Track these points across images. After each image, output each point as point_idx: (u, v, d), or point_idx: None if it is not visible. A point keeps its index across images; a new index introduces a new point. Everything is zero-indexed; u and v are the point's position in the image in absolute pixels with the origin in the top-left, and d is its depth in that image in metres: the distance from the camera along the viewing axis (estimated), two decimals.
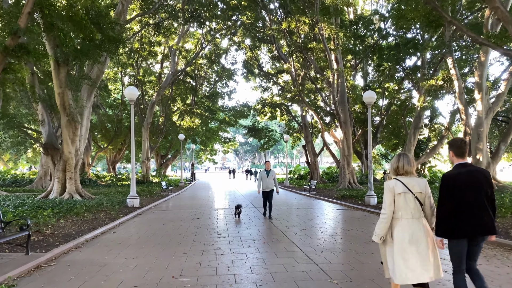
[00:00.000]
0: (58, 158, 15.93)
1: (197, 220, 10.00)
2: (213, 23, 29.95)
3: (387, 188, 3.33)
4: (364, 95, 14.61)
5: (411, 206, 3.27)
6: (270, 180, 10.35)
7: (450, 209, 3.17)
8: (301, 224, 9.35)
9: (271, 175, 10.43)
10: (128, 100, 14.21)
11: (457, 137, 5.36)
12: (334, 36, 24.06)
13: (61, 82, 14.94)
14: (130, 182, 30.81)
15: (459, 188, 3.18)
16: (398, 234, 3.25)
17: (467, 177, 3.21)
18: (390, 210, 3.31)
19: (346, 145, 24.83)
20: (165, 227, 8.82)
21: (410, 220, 3.25)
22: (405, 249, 3.19)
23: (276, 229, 8.53)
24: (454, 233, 3.16)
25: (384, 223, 3.32)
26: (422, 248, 3.19)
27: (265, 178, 10.36)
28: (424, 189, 3.32)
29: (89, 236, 7.44)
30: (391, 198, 3.30)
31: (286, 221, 9.75)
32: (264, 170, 10.54)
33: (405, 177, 3.35)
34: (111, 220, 9.85)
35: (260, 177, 10.47)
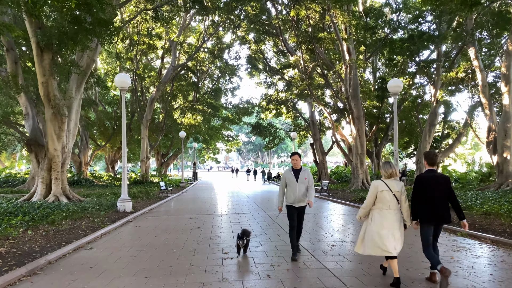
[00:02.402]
0: (43, 156, 14.22)
1: (197, 231, 8.23)
2: (216, 16, 28.22)
3: (373, 185, 4.45)
4: (389, 83, 12.79)
5: (389, 200, 4.35)
6: (302, 186, 5.66)
7: (421, 201, 4.37)
8: (327, 236, 7.55)
9: (305, 179, 5.73)
10: (119, 89, 12.47)
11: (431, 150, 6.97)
12: (347, 24, 22.23)
13: (45, 70, 13.22)
14: (128, 182, 29.23)
15: (427, 187, 4.35)
16: (377, 219, 4.35)
17: (433, 180, 4.36)
18: (370, 202, 4.44)
19: (359, 143, 23.00)
20: (156, 241, 7.06)
21: (387, 210, 4.35)
22: (382, 230, 4.28)
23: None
24: (423, 220, 4.39)
25: (364, 209, 4.53)
26: (393, 231, 4.29)
27: (292, 183, 5.68)
28: (401, 189, 4.40)
29: (54, 256, 5.68)
30: (374, 193, 4.40)
31: (307, 232, 7.94)
32: (290, 170, 5.84)
33: (388, 179, 4.45)
34: (92, 230, 8.11)
35: (283, 182, 5.86)
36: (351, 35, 23.52)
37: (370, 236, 4.34)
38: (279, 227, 8.72)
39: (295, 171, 5.78)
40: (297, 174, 5.72)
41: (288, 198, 5.73)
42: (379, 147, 31.75)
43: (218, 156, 62.86)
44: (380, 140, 30.58)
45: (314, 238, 7.33)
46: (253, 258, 5.64)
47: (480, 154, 61.55)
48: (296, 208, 5.69)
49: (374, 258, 5.36)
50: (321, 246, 6.54)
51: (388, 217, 4.29)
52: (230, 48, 33.21)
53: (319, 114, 32.34)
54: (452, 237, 7.48)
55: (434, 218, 4.32)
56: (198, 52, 30.91)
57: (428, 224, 4.37)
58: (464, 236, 7.49)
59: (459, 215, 4.37)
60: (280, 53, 32.51)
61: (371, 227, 4.36)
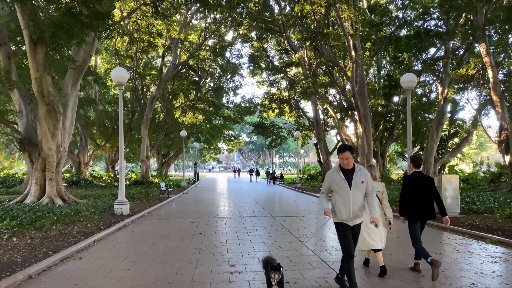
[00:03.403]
0: (37, 156, 13.53)
1: (199, 237, 7.52)
2: (218, 14, 27.52)
3: None
4: (402, 78, 12.07)
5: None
6: (358, 195, 3.96)
7: (409, 200, 4.94)
8: None
9: (361, 183, 3.97)
10: (116, 84, 11.77)
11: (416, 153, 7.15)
12: (354, 19, 21.50)
13: (39, 65, 12.54)
14: (128, 182, 28.55)
15: (415, 187, 4.94)
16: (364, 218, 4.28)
17: (418, 181, 4.98)
18: None
19: (366, 142, 22.22)
20: (154, 250, 6.34)
21: None
22: (368, 226, 4.63)
23: (312, 255, 6.01)
24: (411, 217, 4.93)
25: None
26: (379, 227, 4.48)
27: (344, 191, 3.96)
28: (382, 189, 5.03)
29: (36, 269, 4.98)
30: None
31: (320, 239, 7.21)
32: (338, 169, 4.04)
33: None
34: (85, 235, 7.41)
35: (327, 186, 4.12)
36: (357, 30, 22.78)
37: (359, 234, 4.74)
38: (288, 232, 7.99)
39: (346, 172, 3.95)
40: (349, 176, 3.90)
41: (338, 213, 3.95)
42: (384, 146, 31.00)
43: (220, 156, 62.20)
44: (385, 140, 29.82)
45: (330, 246, 6.60)
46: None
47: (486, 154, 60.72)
48: (350, 227, 3.95)
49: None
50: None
51: None
52: (232, 46, 32.52)
53: (323, 113, 31.60)
54: (482, 244, 6.74)
55: (420, 214, 4.88)
56: (199, 50, 30.21)
57: (416, 220, 4.91)
58: (495, 243, 6.76)
59: (442, 212, 4.96)
60: (283, 51, 31.78)
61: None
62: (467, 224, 8.86)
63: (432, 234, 8.06)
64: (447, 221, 4.91)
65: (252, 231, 8.21)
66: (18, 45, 17.49)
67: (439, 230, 8.50)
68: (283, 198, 17.95)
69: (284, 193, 21.92)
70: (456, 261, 5.49)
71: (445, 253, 6.01)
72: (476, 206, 11.40)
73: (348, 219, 3.90)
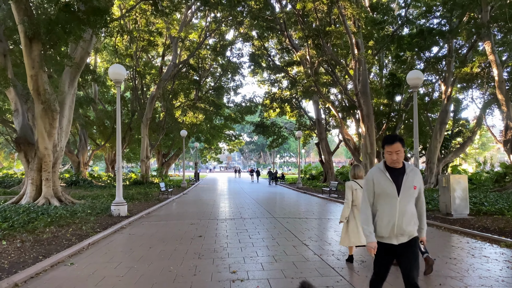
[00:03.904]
0: (33, 155, 13.20)
1: (199, 240, 7.17)
2: (218, 13, 27.19)
3: (349, 186, 5.25)
4: (408, 75, 11.72)
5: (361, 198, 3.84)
6: (407, 203, 2.92)
7: None
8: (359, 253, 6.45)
9: (414, 188, 2.93)
10: (113, 81, 11.44)
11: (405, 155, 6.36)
12: (357, 17, 21.16)
13: (34, 62, 12.21)
14: (128, 182, 28.23)
15: None
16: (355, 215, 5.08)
17: None
18: (350, 200, 5.19)
19: (368, 142, 21.92)
20: (150, 255, 6.00)
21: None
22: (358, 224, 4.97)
23: (319, 260, 5.66)
24: None
25: (348, 209, 5.22)
26: None
27: (390, 197, 2.93)
28: None
29: (24, 275, 4.64)
30: (351, 192, 5.20)
31: (326, 242, 6.86)
32: (383, 169, 2.98)
33: (359, 180, 5.26)
34: (79, 238, 7.07)
35: (370, 190, 3.02)
36: (360, 28, 22.45)
37: (352, 230, 5.11)
38: (292, 235, 7.64)
39: (393, 172, 2.91)
40: (398, 178, 2.88)
41: (380, 225, 2.92)
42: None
43: (220, 156, 61.88)
44: None
45: (337, 250, 6.25)
46: (269, 280, 4.56)
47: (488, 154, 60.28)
48: (393, 248, 2.92)
49: None
50: (351, 264, 5.46)
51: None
52: (232, 45, 32.16)
53: (325, 112, 31.26)
54: (496, 248, 6.39)
55: None
56: (199, 49, 29.86)
57: None
58: (510, 247, 6.40)
59: None
60: (284, 50, 31.43)
61: (351, 223, 5.16)
62: (478, 226, 8.50)
63: (442, 236, 7.71)
64: None
65: (254, 233, 7.87)
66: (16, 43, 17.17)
67: (449, 232, 8.15)
68: (285, 198, 17.60)
69: (286, 193, 21.58)
70: (473, 267, 5.14)
71: (460, 258, 5.65)
72: (485, 207, 11.04)
73: (391, 236, 2.89)
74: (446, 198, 10.26)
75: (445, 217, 10.08)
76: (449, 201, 10.11)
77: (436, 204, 12.25)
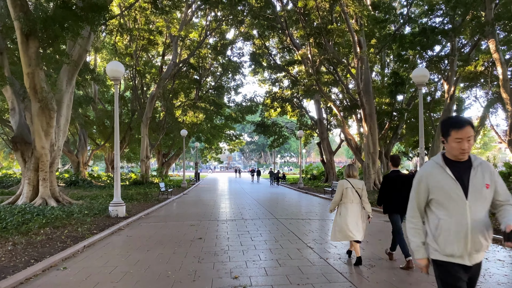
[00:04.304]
0: (29, 155, 12.93)
1: (199, 242, 6.89)
2: (219, 12, 26.93)
3: (340, 184, 5.38)
4: (413, 73, 11.44)
5: (352, 196, 5.28)
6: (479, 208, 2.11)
7: (388, 196, 5.33)
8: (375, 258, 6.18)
9: (486, 187, 2.12)
10: (111, 79, 11.17)
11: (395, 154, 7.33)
12: (359, 14, 20.89)
13: (31, 59, 11.94)
14: (128, 182, 27.97)
15: (393, 184, 5.29)
16: (344, 212, 5.26)
17: (397, 179, 5.30)
18: (338, 198, 5.35)
19: (371, 141, 21.60)
20: (148, 258, 5.72)
21: (351, 204, 5.27)
22: (347, 220, 5.19)
23: (326, 265, 5.37)
24: (391, 211, 5.37)
25: (334, 203, 5.45)
26: (357, 221, 5.19)
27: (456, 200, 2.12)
28: (362, 186, 5.38)
29: (12, 282, 4.36)
30: (341, 190, 5.33)
31: (332, 245, 6.57)
32: (443, 164, 2.20)
33: (351, 179, 5.40)
34: (74, 241, 6.79)
35: (423, 193, 2.26)
36: (362, 26, 22.17)
37: (340, 226, 5.26)
38: (296, 237, 7.36)
39: (456, 167, 2.19)
40: (463, 175, 2.15)
41: (442, 243, 2.15)
42: (388, 146, 30.34)
43: (221, 156, 61.61)
44: (389, 140, 29.16)
45: (343, 254, 5.97)
46: (273, 287, 4.28)
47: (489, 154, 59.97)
48: (466, 269, 2.14)
49: None
50: (358, 268, 5.18)
51: (352, 210, 5.23)
52: (233, 45, 31.89)
53: (326, 112, 30.98)
54: (510, 252, 6.10)
55: (398, 209, 5.27)
56: (200, 48, 29.58)
57: (395, 214, 5.35)
58: None
59: None
60: (285, 49, 31.16)
61: (340, 219, 5.30)
62: None
63: None
64: None
65: (256, 235, 7.59)
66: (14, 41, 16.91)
67: None
68: (287, 199, 17.32)
69: (287, 193, 21.29)
70: (489, 272, 4.85)
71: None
72: None
73: (463, 254, 2.12)
74: None
75: None
76: None
77: None
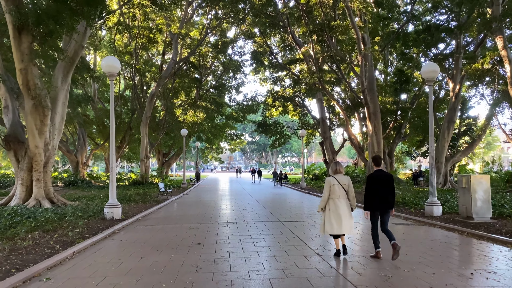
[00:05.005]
0: (23, 154, 12.47)
1: (197, 248, 6.39)
2: (220, 10, 26.45)
3: (327, 181, 5.77)
4: (423, 68, 10.95)
5: (339, 192, 5.68)
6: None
7: (371, 194, 5.63)
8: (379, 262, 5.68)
9: None
10: (107, 74, 10.70)
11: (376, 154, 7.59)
12: (363, 11, 20.39)
13: (23, 54, 11.49)
14: (127, 182, 27.50)
15: (376, 183, 5.62)
16: (332, 207, 5.65)
17: (380, 178, 5.64)
18: (326, 194, 5.74)
19: (375, 140, 21.11)
20: (141, 267, 5.23)
21: (338, 200, 5.66)
22: (334, 215, 5.60)
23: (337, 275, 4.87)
24: (372, 208, 5.66)
25: (324, 201, 5.78)
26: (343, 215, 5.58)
27: None
28: (348, 182, 5.75)
29: None
30: (328, 187, 5.72)
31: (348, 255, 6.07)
32: None
33: (337, 175, 5.78)
34: (63, 246, 6.31)
35: None
36: (366, 22, 21.67)
37: (329, 220, 5.61)
38: (302, 242, 6.86)
39: None
40: None
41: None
42: (391, 145, 29.83)
43: (222, 156, 61.13)
44: (392, 139, 28.63)
45: (356, 262, 5.46)
46: None
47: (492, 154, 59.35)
48: None
49: None
50: (372, 277, 4.68)
51: (339, 205, 5.61)
52: (234, 43, 31.39)
53: (328, 111, 30.46)
54: None
55: (380, 206, 5.58)
56: (200, 46, 29.09)
57: (376, 211, 5.64)
58: None
59: (392, 205, 5.66)
60: (286, 48, 30.64)
61: (329, 214, 5.65)
62: (505, 232, 7.71)
63: (468, 243, 6.93)
64: (392, 212, 5.73)
65: (259, 240, 7.09)
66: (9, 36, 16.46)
67: (475, 239, 7.34)
68: (289, 199, 16.81)
69: (290, 194, 20.79)
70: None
71: (500, 272, 4.85)
72: (507, 210, 10.24)
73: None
74: (466, 200, 9.46)
75: (465, 220, 9.28)
76: (469, 204, 9.31)
77: (453, 206, 11.47)
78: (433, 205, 10.44)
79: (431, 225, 9.05)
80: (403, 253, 5.85)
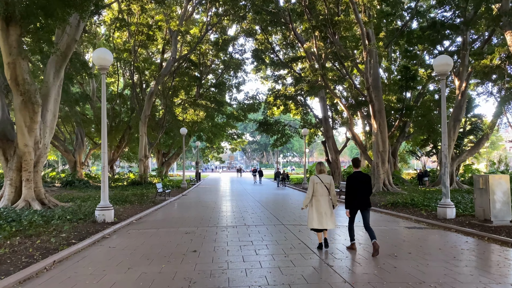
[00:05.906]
0: (12, 153, 11.85)
1: (192, 257, 5.74)
2: (220, 8, 25.83)
3: (311, 180, 6.27)
4: (435, 61, 10.28)
5: (321, 190, 6.13)
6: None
7: (350, 194, 6.12)
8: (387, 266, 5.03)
9: None
10: (98, 68, 10.07)
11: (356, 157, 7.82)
12: (368, 5, 19.72)
13: (11, 48, 10.87)
14: (126, 182, 26.88)
15: (355, 183, 6.10)
16: (315, 204, 6.12)
17: (359, 178, 6.11)
18: (310, 192, 6.17)
19: (380, 139, 20.43)
20: (126, 281, 4.58)
21: (320, 197, 6.11)
22: (317, 211, 6.07)
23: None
24: (351, 206, 6.12)
25: (307, 199, 6.22)
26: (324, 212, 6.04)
27: None
28: (330, 181, 6.24)
29: None
30: (312, 185, 6.18)
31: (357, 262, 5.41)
32: None
33: (321, 175, 6.26)
34: (44, 254, 5.67)
35: None
36: (371, 17, 20.99)
37: (312, 216, 6.10)
38: (309, 250, 6.21)
39: None
40: None
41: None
42: (395, 145, 29.14)
43: (223, 156, 60.51)
44: (396, 138, 27.95)
45: (371, 274, 4.81)
46: None
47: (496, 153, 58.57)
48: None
49: None
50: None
51: (322, 202, 6.09)
52: (235, 41, 30.74)
53: (331, 110, 29.78)
54: None
55: (360, 205, 6.05)
56: (200, 43, 28.45)
57: (354, 210, 6.13)
58: None
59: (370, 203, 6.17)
60: (288, 46, 29.97)
61: (312, 210, 6.15)
62: None
63: (490, 249, 6.27)
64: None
65: (261, 247, 6.44)
66: None
67: (497, 245, 6.68)
68: (292, 201, 16.14)
69: (292, 194, 20.13)
70: None
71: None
72: None
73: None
74: (484, 202, 8.79)
75: (483, 224, 8.61)
76: (487, 206, 8.64)
77: (466, 208, 10.81)
78: (446, 207, 9.78)
79: (446, 229, 8.40)
80: (424, 264, 5.19)
